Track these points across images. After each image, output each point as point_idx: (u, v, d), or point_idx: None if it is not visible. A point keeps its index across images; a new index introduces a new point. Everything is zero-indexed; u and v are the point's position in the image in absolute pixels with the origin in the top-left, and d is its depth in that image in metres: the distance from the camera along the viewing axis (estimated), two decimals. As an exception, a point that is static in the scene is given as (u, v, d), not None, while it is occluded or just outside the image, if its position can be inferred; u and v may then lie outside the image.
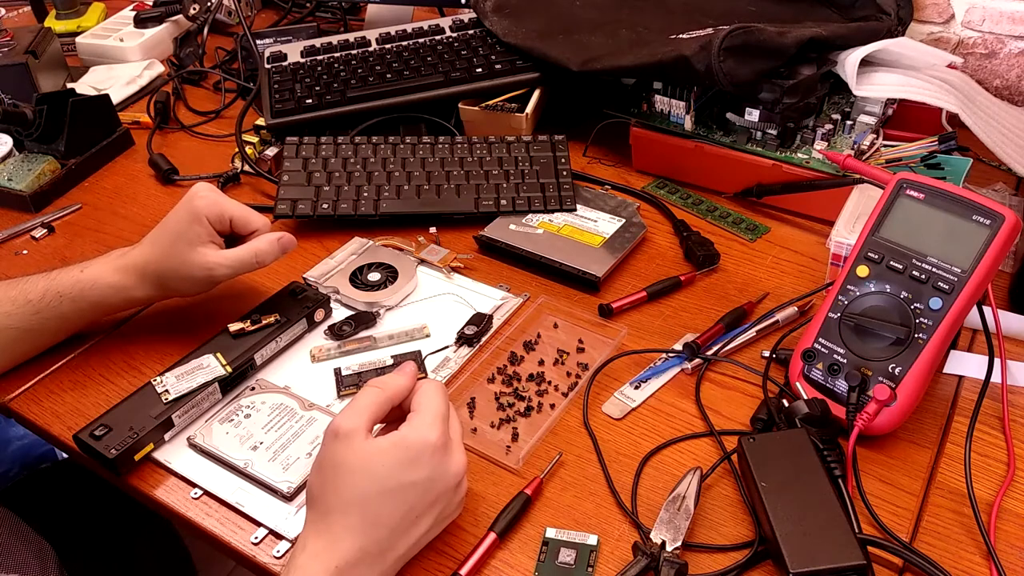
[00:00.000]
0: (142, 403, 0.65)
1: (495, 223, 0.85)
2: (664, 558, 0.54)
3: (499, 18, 1.03)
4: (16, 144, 1.00)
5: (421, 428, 0.53)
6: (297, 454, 0.64)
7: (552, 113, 1.03)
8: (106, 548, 0.87)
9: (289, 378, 0.71)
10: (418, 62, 1.01)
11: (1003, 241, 0.59)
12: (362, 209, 0.87)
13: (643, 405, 0.68)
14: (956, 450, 0.62)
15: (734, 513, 0.59)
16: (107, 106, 1.05)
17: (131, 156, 1.06)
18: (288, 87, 1.02)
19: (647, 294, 0.77)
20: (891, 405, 0.60)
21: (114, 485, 0.65)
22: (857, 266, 0.64)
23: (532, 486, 0.60)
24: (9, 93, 1.01)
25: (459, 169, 0.90)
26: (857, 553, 0.52)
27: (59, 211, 0.95)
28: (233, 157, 1.01)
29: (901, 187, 0.64)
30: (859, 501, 0.58)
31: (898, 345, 0.61)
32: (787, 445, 0.59)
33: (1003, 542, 0.56)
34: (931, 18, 1.01)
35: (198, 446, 0.65)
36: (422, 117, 1.00)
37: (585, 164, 0.97)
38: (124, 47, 1.24)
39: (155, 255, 0.71)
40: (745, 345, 0.72)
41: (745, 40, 0.78)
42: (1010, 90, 1.00)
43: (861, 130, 0.85)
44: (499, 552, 0.57)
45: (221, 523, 0.61)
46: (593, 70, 0.90)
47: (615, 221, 0.84)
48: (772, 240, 0.84)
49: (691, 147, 0.89)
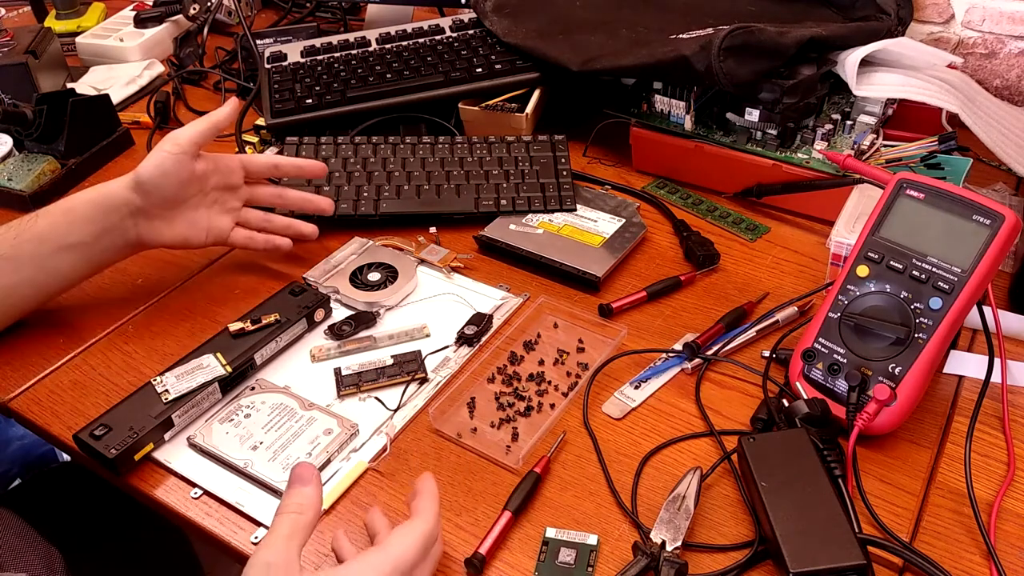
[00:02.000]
0: (142, 403, 0.65)
1: (495, 223, 0.85)
2: (664, 558, 0.54)
3: (499, 18, 1.03)
4: (16, 144, 1.00)
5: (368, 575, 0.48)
6: (297, 454, 0.64)
7: (552, 113, 1.03)
8: (114, 553, 0.87)
9: (289, 378, 0.71)
10: (418, 62, 1.01)
11: (1003, 241, 0.59)
12: (362, 209, 0.87)
13: (643, 405, 0.68)
14: (956, 450, 0.62)
15: (734, 513, 0.59)
16: (107, 106, 1.05)
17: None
18: (288, 87, 1.02)
19: (647, 294, 0.77)
20: (891, 405, 0.60)
21: (120, 489, 0.65)
22: (857, 266, 0.64)
23: (541, 464, 0.61)
24: (9, 93, 1.01)
25: (459, 169, 0.90)
26: (857, 553, 0.52)
27: (59, 211, 0.95)
28: (233, 157, 1.01)
29: (901, 187, 0.64)
30: (859, 501, 0.58)
31: (898, 345, 0.61)
32: (787, 445, 0.59)
33: (1003, 542, 0.56)
34: (931, 18, 1.01)
35: (198, 446, 0.65)
36: (422, 117, 1.00)
37: (585, 164, 0.97)
38: (124, 47, 1.24)
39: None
40: (745, 345, 0.72)
41: (745, 40, 0.78)
42: (1010, 90, 1.00)
43: (861, 130, 0.85)
44: (500, 552, 0.57)
45: (221, 523, 0.60)
46: (593, 70, 0.90)
47: (615, 221, 0.84)
48: (772, 240, 0.84)
49: (691, 147, 0.89)
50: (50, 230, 0.71)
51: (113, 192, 0.72)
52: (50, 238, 0.71)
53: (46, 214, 0.71)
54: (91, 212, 0.71)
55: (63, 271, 0.73)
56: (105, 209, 0.72)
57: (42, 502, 0.88)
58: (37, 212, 0.71)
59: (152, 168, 0.72)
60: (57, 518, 0.84)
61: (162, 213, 0.74)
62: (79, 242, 0.72)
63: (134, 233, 0.74)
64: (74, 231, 0.71)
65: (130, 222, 0.73)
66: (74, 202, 0.72)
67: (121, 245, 0.75)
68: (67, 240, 0.71)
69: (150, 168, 0.71)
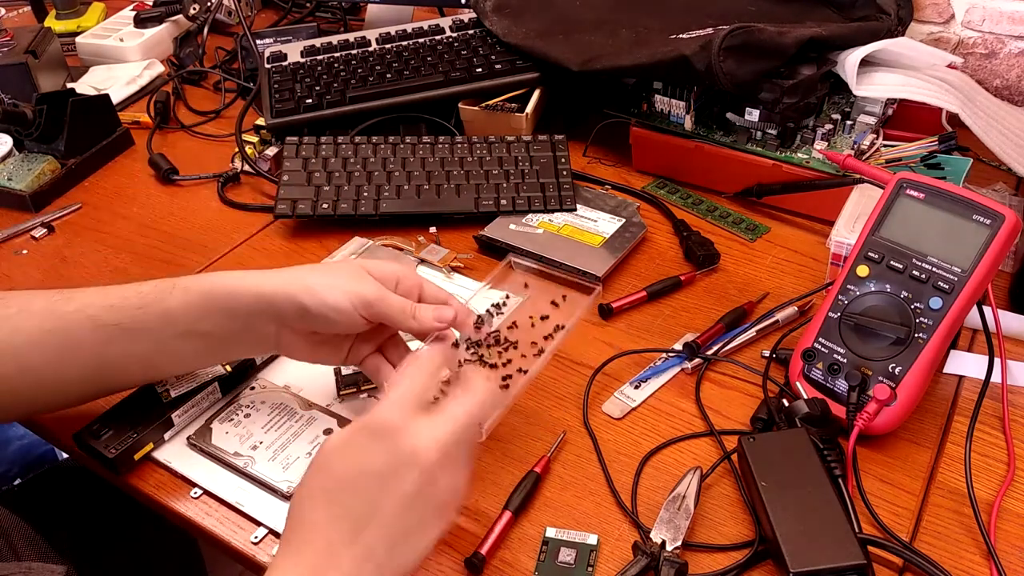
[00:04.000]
0: (142, 403, 0.65)
1: (495, 223, 0.85)
2: (664, 558, 0.54)
3: (499, 18, 1.03)
4: (16, 144, 1.00)
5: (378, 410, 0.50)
6: (297, 454, 0.64)
7: (552, 113, 1.03)
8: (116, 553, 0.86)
9: (289, 378, 0.71)
10: (418, 62, 1.01)
11: (1003, 241, 0.59)
12: (362, 209, 0.87)
13: (643, 405, 0.68)
14: (956, 450, 0.62)
15: (734, 513, 0.59)
16: (107, 106, 1.05)
17: (131, 156, 1.06)
18: (288, 87, 1.02)
19: (647, 294, 0.77)
20: (891, 405, 0.60)
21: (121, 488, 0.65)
22: (857, 266, 0.64)
23: (540, 464, 0.61)
24: (9, 93, 1.01)
25: (459, 169, 0.90)
26: (857, 553, 0.52)
27: (59, 211, 0.95)
28: (233, 157, 1.01)
29: (901, 187, 0.64)
30: (859, 501, 0.58)
31: (898, 345, 0.61)
32: (787, 445, 0.59)
33: (1003, 542, 0.56)
34: (931, 18, 1.01)
35: (198, 446, 0.65)
36: (422, 117, 0.99)
37: (585, 164, 0.97)
38: (124, 47, 1.24)
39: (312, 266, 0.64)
40: (745, 345, 0.72)
41: (745, 40, 0.78)
42: (1010, 90, 1.00)
43: (861, 130, 0.85)
44: (500, 552, 0.57)
45: (221, 523, 0.60)
46: (593, 70, 0.90)
47: (615, 221, 0.84)
48: (772, 240, 0.84)
49: (691, 147, 0.89)
50: (182, 311, 0.60)
51: (266, 296, 0.60)
52: (180, 320, 0.60)
53: (183, 291, 0.60)
54: (235, 308, 0.60)
55: (185, 356, 0.63)
56: (251, 310, 0.61)
57: (42, 502, 0.88)
58: (174, 281, 0.61)
59: (326, 308, 0.59)
60: (58, 518, 0.84)
61: (311, 337, 0.63)
62: (210, 333, 0.61)
63: (273, 342, 0.63)
64: (209, 321, 0.61)
65: (272, 329, 0.62)
66: (220, 287, 0.60)
67: (255, 347, 0.66)
68: (198, 328, 0.61)
69: (324, 305, 0.59)
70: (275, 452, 0.64)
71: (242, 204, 0.94)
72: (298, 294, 0.59)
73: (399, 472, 0.48)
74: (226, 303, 0.60)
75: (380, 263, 0.63)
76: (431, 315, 0.60)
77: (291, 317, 0.60)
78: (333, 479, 0.49)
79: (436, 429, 0.50)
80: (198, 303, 0.60)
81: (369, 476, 0.48)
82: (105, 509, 0.86)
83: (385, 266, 0.62)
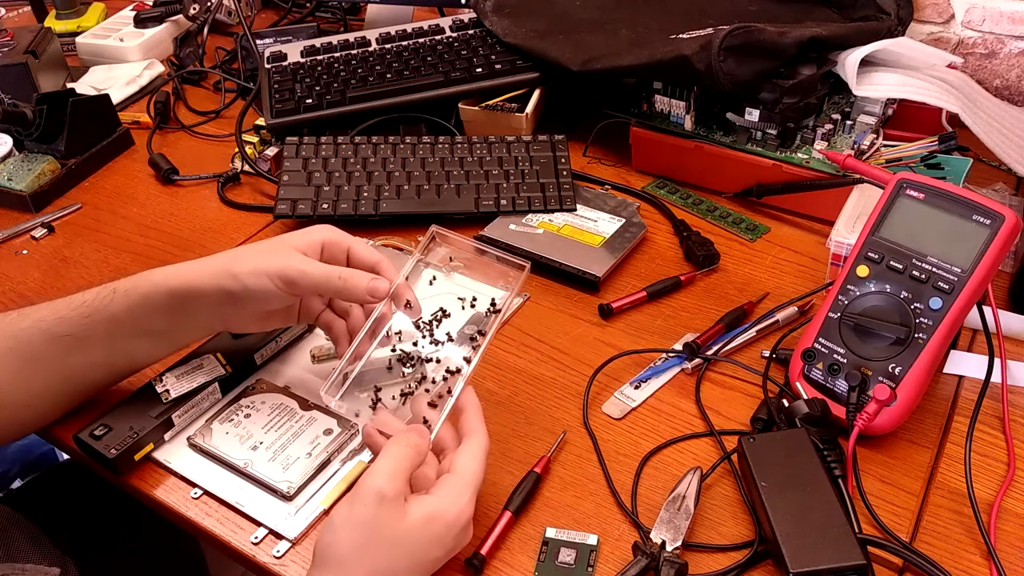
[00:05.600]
0: (142, 403, 0.65)
1: (495, 223, 0.85)
2: (664, 558, 0.54)
3: (499, 18, 1.03)
4: (16, 144, 1.00)
5: (459, 502, 0.53)
6: (297, 454, 0.64)
7: (552, 113, 1.03)
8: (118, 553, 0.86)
9: (289, 378, 0.71)
10: (418, 62, 1.01)
11: (1003, 241, 0.59)
12: (362, 209, 0.87)
13: (643, 405, 0.68)
14: (956, 450, 0.62)
15: (734, 513, 0.59)
16: (107, 106, 1.05)
17: (131, 156, 1.06)
18: (288, 87, 1.02)
19: (647, 294, 0.77)
20: (891, 405, 0.60)
21: (121, 489, 0.65)
22: (857, 266, 0.64)
23: (540, 464, 0.61)
24: (9, 93, 1.01)
25: (459, 169, 0.90)
26: (857, 553, 0.52)
27: (59, 211, 0.95)
28: (233, 157, 1.01)
29: (901, 187, 0.64)
30: (859, 501, 0.58)
31: (898, 345, 0.61)
32: (787, 445, 0.59)
33: (1003, 542, 0.56)
34: (931, 18, 1.01)
35: (198, 446, 0.65)
36: (422, 117, 0.99)
37: (585, 164, 0.97)
38: (124, 47, 1.24)
39: (235, 250, 0.64)
40: (745, 345, 0.72)
41: (745, 40, 0.78)
42: (1010, 90, 1.00)
43: (861, 130, 0.85)
44: (500, 552, 0.57)
45: (221, 523, 0.61)
46: (593, 70, 0.90)
47: (615, 221, 0.84)
48: (772, 240, 0.84)
49: (691, 147, 0.89)
50: (127, 315, 0.62)
51: (197, 289, 0.62)
52: (126, 323, 0.63)
53: (124, 295, 0.62)
54: (173, 304, 0.62)
55: (138, 355, 0.66)
56: (187, 304, 0.63)
57: (42, 502, 0.88)
58: (114, 287, 0.63)
59: (251, 292, 0.61)
60: (58, 518, 0.84)
61: (255, 313, 0.65)
62: (157, 330, 0.64)
63: (219, 322, 0.66)
64: (153, 320, 0.63)
65: (215, 315, 0.64)
66: (156, 287, 0.62)
67: (204, 331, 0.68)
68: (144, 327, 0.63)
69: (247, 290, 0.61)
70: (275, 452, 0.64)
71: (242, 204, 0.95)
72: (223, 283, 0.61)
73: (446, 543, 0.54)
74: (165, 301, 0.62)
75: (304, 232, 0.64)
76: (364, 285, 0.61)
77: (225, 303, 0.62)
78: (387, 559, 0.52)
79: (462, 492, 0.54)
80: (140, 304, 0.62)
81: (433, 562, 0.54)
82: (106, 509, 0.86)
83: (310, 234, 0.64)
